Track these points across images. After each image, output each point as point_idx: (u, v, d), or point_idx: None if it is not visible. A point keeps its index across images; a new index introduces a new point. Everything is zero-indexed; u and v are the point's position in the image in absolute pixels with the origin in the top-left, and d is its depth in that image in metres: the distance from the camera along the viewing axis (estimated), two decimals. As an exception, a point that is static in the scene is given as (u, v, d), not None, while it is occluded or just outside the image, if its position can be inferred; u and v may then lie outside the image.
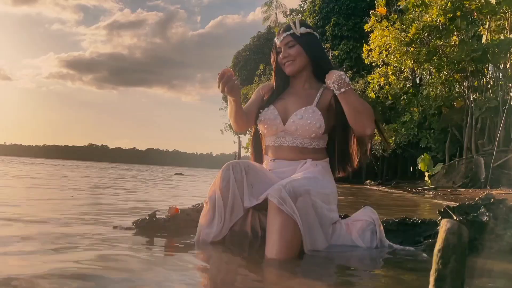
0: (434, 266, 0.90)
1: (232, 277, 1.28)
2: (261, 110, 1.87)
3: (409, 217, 1.97)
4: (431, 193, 8.96)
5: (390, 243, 1.73)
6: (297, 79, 1.90)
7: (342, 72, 1.71)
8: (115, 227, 1.82)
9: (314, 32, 1.88)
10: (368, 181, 16.50)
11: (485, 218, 1.73)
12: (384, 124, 15.19)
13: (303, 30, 1.84)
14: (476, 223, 1.74)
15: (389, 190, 10.49)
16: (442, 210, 1.89)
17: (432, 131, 14.56)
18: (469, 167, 11.28)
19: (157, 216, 1.76)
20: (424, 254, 1.65)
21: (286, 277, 1.29)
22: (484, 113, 11.83)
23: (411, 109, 14.67)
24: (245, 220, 1.74)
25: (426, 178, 11.96)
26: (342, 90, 1.68)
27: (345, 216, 1.87)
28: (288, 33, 1.83)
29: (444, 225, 0.93)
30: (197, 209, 1.76)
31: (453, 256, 0.88)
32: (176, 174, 17.39)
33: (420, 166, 11.89)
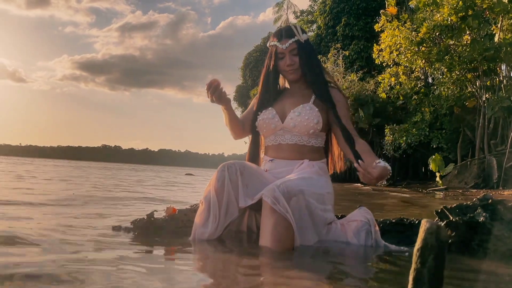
0: (413, 266, 0.92)
1: (225, 276, 1.31)
2: (259, 112, 1.91)
3: (406, 218, 1.97)
4: (442, 194, 8.86)
5: (386, 243, 1.74)
6: (293, 81, 1.93)
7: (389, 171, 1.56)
8: (114, 227, 1.86)
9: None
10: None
11: (481, 218, 1.73)
12: (395, 124, 15.07)
13: (305, 36, 1.87)
14: (472, 223, 1.73)
15: (396, 191, 10.41)
16: (440, 210, 1.89)
17: (444, 131, 14.39)
18: (481, 168, 11.14)
19: (155, 216, 1.79)
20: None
21: (279, 275, 1.31)
22: (497, 112, 11.66)
23: (422, 109, 14.53)
24: (241, 220, 1.77)
25: (437, 179, 11.84)
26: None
27: (342, 217, 1.88)
28: (293, 40, 1.83)
29: (423, 225, 0.94)
30: (195, 209, 1.79)
31: (431, 256, 0.89)
32: (187, 174, 17.51)
33: (431, 166, 11.78)
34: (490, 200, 1.82)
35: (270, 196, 1.47)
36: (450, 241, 1.74)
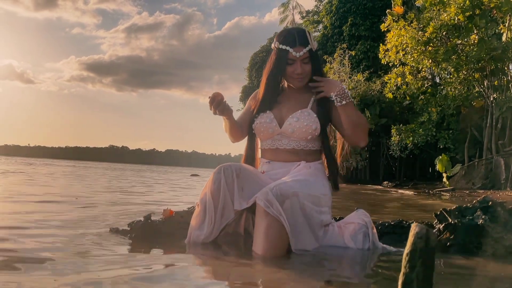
0: (402, 270, 0.91)
1: (221, 278, 1.31)
2: (256, 115, 1.88)
3: (406, 220, 1.96)
4: (448, 194, 8.80)
5: (384, 245, 1.73)
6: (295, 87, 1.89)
7: (342, 84, 1.74)
8: (111, 229, 1.87)
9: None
10: (385, 182, 16.30)
11: (481, 221, 1.71)
12: (401, 125, 14.99)
13: (315, 44, 1.82)
14: (471, 226, 1.72)
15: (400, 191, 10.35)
16: (439, 212, 1.88)
17: (451, 131, 14.29)
18: (489, 168, 11.04)
19: (152, 218, 1.79)
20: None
21: (275, 278, 1.31)
22: (505, 112, 11.55)
23: (429, 109, 14.43)
24: (238, 222, 1.77)
25: (444, 179, 11.76)
26: (344, 102, 1.73)
27: (340, 219, 1.87)
28: (307, 49, 1.78)
29: (412, 229, 0.93)
30: (192, 211, 1.78)
31: (420, 260, 0.88)
32: (192, 175, 17.55)
33: (438, 167, 11.71)
34: (490, 202, 1.81)
35: (263, 199, 1.47)
36: (448, 243, 1.72)
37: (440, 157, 11.81)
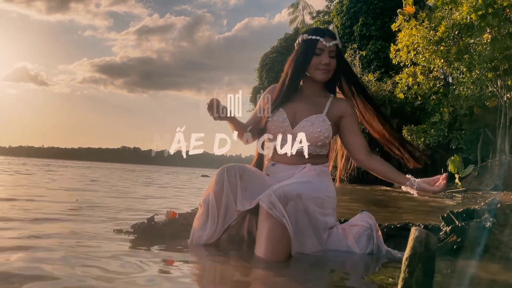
0: (401, 275, 0.89)
1: (220, 281, 1.30)
2: (271, 113, 1.83)
3: (412, 222, 1.93)
4: (460, 196, 8.68)
5: (389, 248, 1.70)
6: (310, 84, 1.86)
7: None
8: (115, 230, 1.87)
9: None
10: (396, 183, 16.15)
11: (488, 223, 1.67)
12: (413, 125, 14.84)
13: (339, 42, 1.83)
14: (478, 228, 1.68)
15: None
16: (446, 215, 1.84)
17: (463, 131, 14.09)
18: (502, 169, 10.87)
19: (155, 220, 1.79)
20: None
21: (274, 281, 1.29)
22: (518, 113, 11.37)
23: (441, 109, 14.25)
24: (241, 223, 1.76)
25: (457, 181, 11.59)
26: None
27: (345, 221, 1.85)
28: (335, 42, 1.79)
29: (412, 233, 0.91)
30: (195, 213, 1.78)
31: (419, 265, 0.86)
32: (203, 176, 17.59)
33: (450, 168, 11.55)
34: (498, 205, 1.77)
35: (266, 201, 1.46)
36: (455, 246, 1.69)
37: (452, 158, 11.65)
